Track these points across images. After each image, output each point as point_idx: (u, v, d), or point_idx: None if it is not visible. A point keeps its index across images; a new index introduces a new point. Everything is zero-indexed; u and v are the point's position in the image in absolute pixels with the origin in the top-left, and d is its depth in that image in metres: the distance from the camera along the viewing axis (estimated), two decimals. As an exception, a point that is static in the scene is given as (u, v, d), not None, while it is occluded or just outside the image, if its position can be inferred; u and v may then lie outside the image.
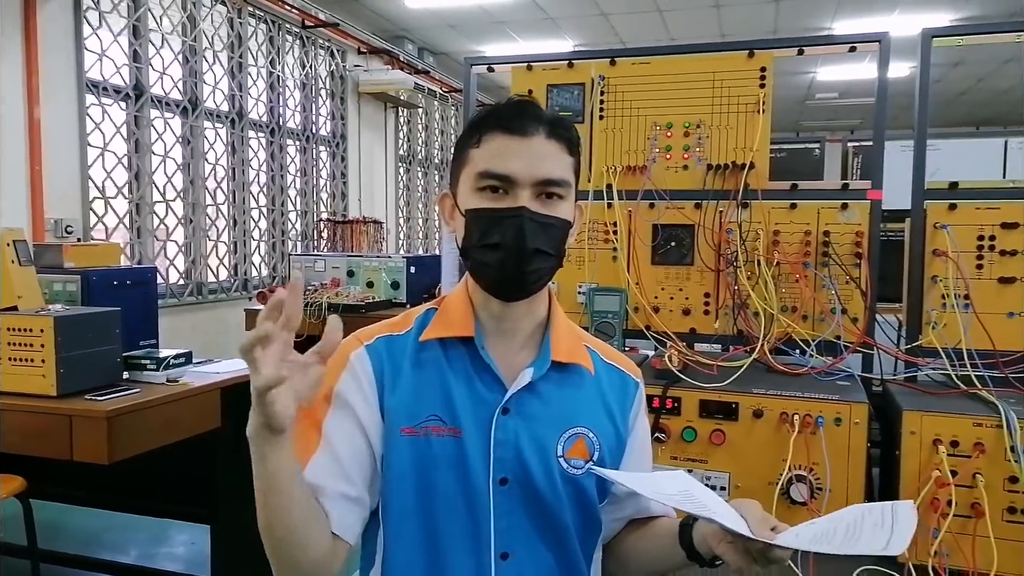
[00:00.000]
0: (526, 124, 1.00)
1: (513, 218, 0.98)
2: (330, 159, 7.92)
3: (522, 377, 1.03)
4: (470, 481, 1.00)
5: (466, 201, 1.03)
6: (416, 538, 1.02)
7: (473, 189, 1.01)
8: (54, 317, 2.40)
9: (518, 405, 1.03)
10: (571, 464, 1.04)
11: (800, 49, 1.91)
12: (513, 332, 1.06)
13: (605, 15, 7.35)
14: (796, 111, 11.88)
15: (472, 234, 1.02)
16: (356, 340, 1.07)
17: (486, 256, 1.00)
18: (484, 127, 1.02)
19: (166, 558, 3.49)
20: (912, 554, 1.41)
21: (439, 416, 1.01)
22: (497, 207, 0.99)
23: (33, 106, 4.51)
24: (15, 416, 2.43)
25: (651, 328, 1.95)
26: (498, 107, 1.04)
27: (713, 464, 1.58)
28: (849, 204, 1.82)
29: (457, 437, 1.01)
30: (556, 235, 1.02)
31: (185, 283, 5.94)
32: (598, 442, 1.06)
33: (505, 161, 0.99)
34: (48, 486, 3.07)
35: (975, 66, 8.79)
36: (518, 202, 0.99)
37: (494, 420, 1.01)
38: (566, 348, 1.08)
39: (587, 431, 1.05)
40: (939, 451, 1.42)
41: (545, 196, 1.01)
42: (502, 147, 1.00)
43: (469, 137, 1.04)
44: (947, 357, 1.66)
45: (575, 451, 1.04)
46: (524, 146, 0.99)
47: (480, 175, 1.00)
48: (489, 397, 1.01)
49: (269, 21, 6.80)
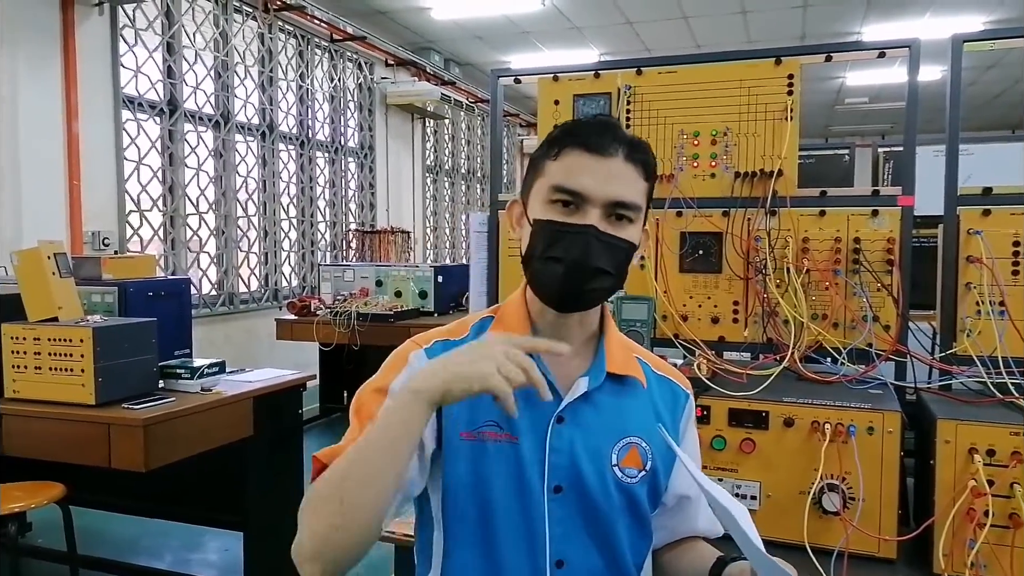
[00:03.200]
0: (605, 143, 1.01)
1: (579, 235, 0.99)
2: (358, 170, 8.01)
3: (578, 386, 1.05)
4: (525, 488, 1.02)
5: (536, 211, 1.04)
6: (474, 543, 1.03)
7: (545, 201, 1.03)
8: (93, 328, 2.47)
9: (573, 414, 1.04)
10: (625, 473, 1.05)
11: (828, 56, 1.89)
12: (567, 341, 1.05)
13: (631, 23, 7.35)
14: (825, 116, 11.75)
15: (537, 244, 1.03)
16: (414, 344, 1.09)
17: (548, 267, 1.01)
18: (565, 141, 1.03)
19: (200, 564, 3.55)
20: (949, 565, 1.39)
21: (496, 422, 1.02)
22: (566, 221, 1.00)
23: (72, 121, 4.64)
24: (55, 424, 2.50)
25: (679, 336, 1.95)
26: (580, 123, 1.06)
27: (743, 473, 1.57)
28: (880, 210, 1.80)
29: (514, 443, 1.02)
30: (620, 256, 1.03)
31: (217, 294, 6.04)
32: (651, 451, 1.07)
33: (580, 177, 1.00)
34: (87, 493, 3.15)
35: (1010, 68, 8.63)
36: (587, 219, 1.00)
37: (549, 428, 1.02)
38: (620, 360, 1.09)
39: (640, 440, 1.07)
40: (975, 460, 1.39)
41: (615, 217, 1.02)
42: (579, 163, 1.01)
43: (549, 149, 1.05)
44: (982, 365, 1.63)
45: (629, 460, 1.05)
46: (601, 165, 1.00)
47: (553, 188, 1.02)
48: (544, 406, 1.00)
49: (298, 36, 6.92)
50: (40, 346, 2.52)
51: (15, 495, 2.59)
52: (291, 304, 5.49)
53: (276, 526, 3.04)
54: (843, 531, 1.45)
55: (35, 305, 2.62)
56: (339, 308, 5.04)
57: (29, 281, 2.63)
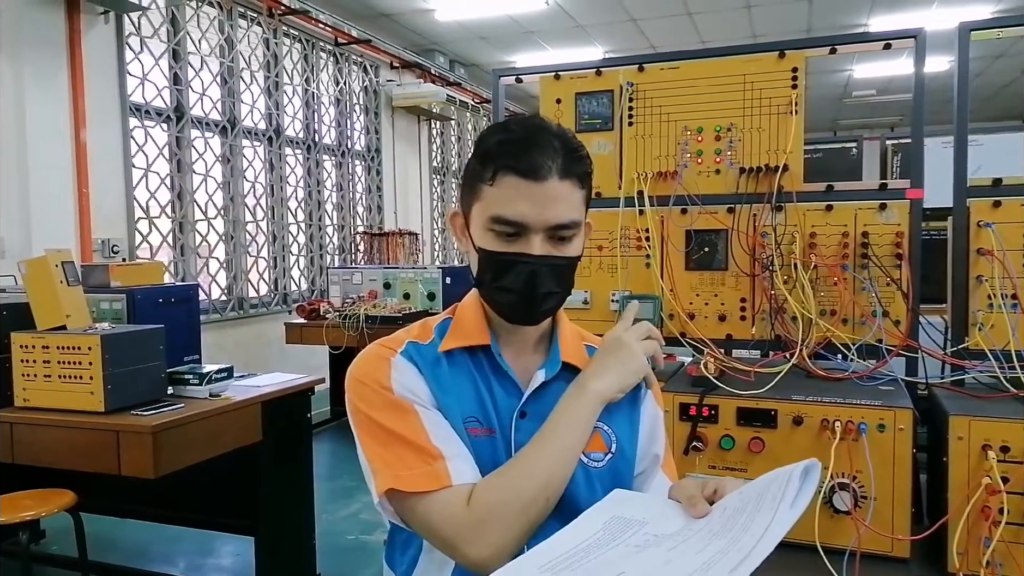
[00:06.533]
0: (538, 164, 0.98)
1: (525, 264, 1.00)
2: (365, 173, 8.02)
3: (535, 379, 1.06)
4: None
5: (478, 236, 1.04)
6: None
7: (485, 228, 1.02)
8: (101, 335, 2.47)
9: (533, 407, 1.05)
10: (591, 459, 1.05)
11: (832, 48, 1.87)
12: (524, 339, 1.09)
13: (635, 20, 7.33)
14: (833, 109, 11.67)
15: (486, 272, 1.04)
16: (387, 349, 1.07)
17: (499, 296, 1.04)
18: (497, 165, 1.00)
19: (213, 569, 3.55)
20: (964, 564, 1.36)
21: (475, 417, 1.03)
22: (509, 252, 1.01)
23: (79, 130, 4.67)
24: (65, 432, 2.51)
25: (687, 335, 1.93)
26: (510, 136, 1.02)
27: (752, 472, 1.55)
28: (888, 204, 1.77)
29: (492, 436, 1.03)
30: (567, 272, 1.05)
31: (227, 299, 6.07)
32: (613, 433, 1.08)
33: (517, 206, 0.99)
34: (98, 500, 3.16)
35: (1017, 58, 8.55)
36: (530, 248, 1.00)
37: (513, 424, 1.03)
38: (573, 349, 1.12)
39: (601, 424, 1.06)
40: (989, 457, 1.37)
41: (557, 239, 1.02)
42: (515, 190, 0.99)
43: (483, 169, 1.02)
44: (995, 359, 1.60)
45: (593, 445, 1.06)
46: (537, 190, 0.98)
47: (492, 219, 1.01)
48: (507, 402, 1.04)
49: (303, 40, 6.93)
50: (49, 354, 2.53)
51: (25, 503, 2.60)
52: (300, 308, 5.50)
53: (287, 530, 3.04)
54: (855, 530, 1.43)
55: (43, 314, 2.63)
56: (348, 311, 5.05)
57: (37, 290, 2.64)
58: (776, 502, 0.82)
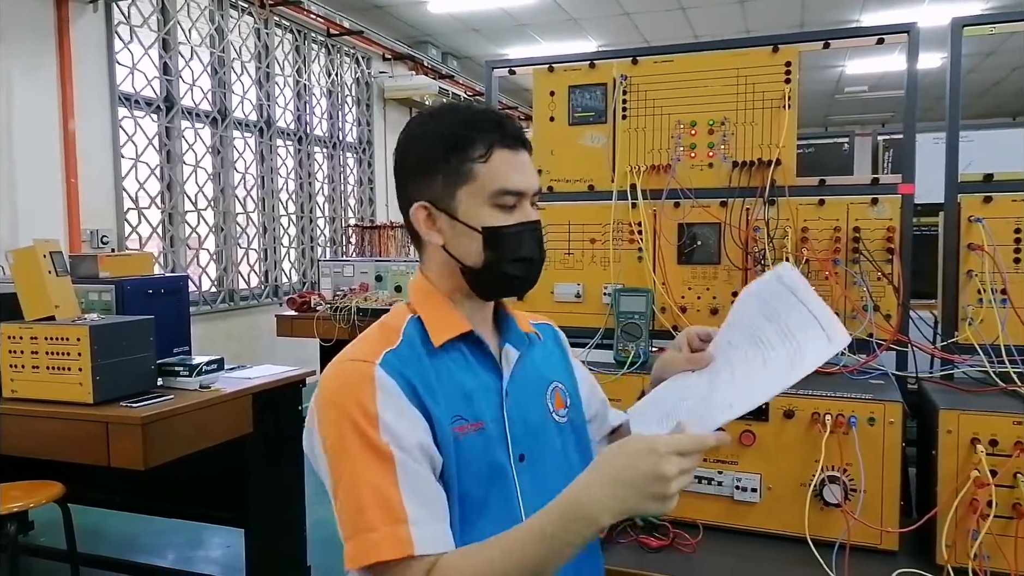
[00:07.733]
0: (518, 136, 1.06)
1: (533, 231, 1.07)
2: (357, 165, 7.99)
3: (511, 355, 1.10)
4: (497, 468, 1.03)
5: (478, 216, 1.03)
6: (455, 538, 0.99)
7: (487, 205, 1.03)
8: (90, 326, 2.46)
9: (513, 383, 1.09)
10: (558, 414, 1.14)
11: (826, 43, 1.87)
12: (485, 317, 1.13)
13: (628, 14, 7.32)
14: (825, 105, 11.70)
15: (499, 249, 1.04)
16: (363, 363, 0.99)
17: (515, 269, 1.06)
18: (489, 141, 1.04)
19: (203, 561, 3.54)
20: (952, 556, 1.37)
21: (461, 415, 1.01)
22: (522, 222, 1.05)
23: (68, 119, 4.63)
24: (53, 423, 2.49)
25: (679, 328, 1.93)
26: (487, 118, 1.06)
27: (744, 466, 1.56)
28: (880, 199, 1.78)
29: (480, 430, 1.02)
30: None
31: (217, 290, 6.04)
32: (566, 389, 1.17)
33: (514, 176, 1.05)
34: (87, 491, 3.14)
35: (1008, 55, 8.59)
36: (528, 215, 1.06)
37: (503, 403, 1.06)
38: (522, 320, 1.17)
39: (558, 383, 1.16)
40: (977, 450, 1.38)
41: (532, 205, 1.09)
42: (508, 162, 1.04)
43: (471, 151, 1.02)
44: (984, 353, 1.61)
45: (558, 403, 1.15)
46: (521, 159, 1.06)
47: (498, 192, 1.03)
48: (492, 383, 1.07)
49: (295, 31, 6.89)
50: (37, 345, 2.51)
51: (14, 495, 2.58)
52: (291, 300, 5.48)
53: (277, 522, 3.04)
54: (844, 523, 1.44)
55: (32, 304, 2.61)
56: (339, 304, 5.03)
57: (25, 280, 2.62)
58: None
